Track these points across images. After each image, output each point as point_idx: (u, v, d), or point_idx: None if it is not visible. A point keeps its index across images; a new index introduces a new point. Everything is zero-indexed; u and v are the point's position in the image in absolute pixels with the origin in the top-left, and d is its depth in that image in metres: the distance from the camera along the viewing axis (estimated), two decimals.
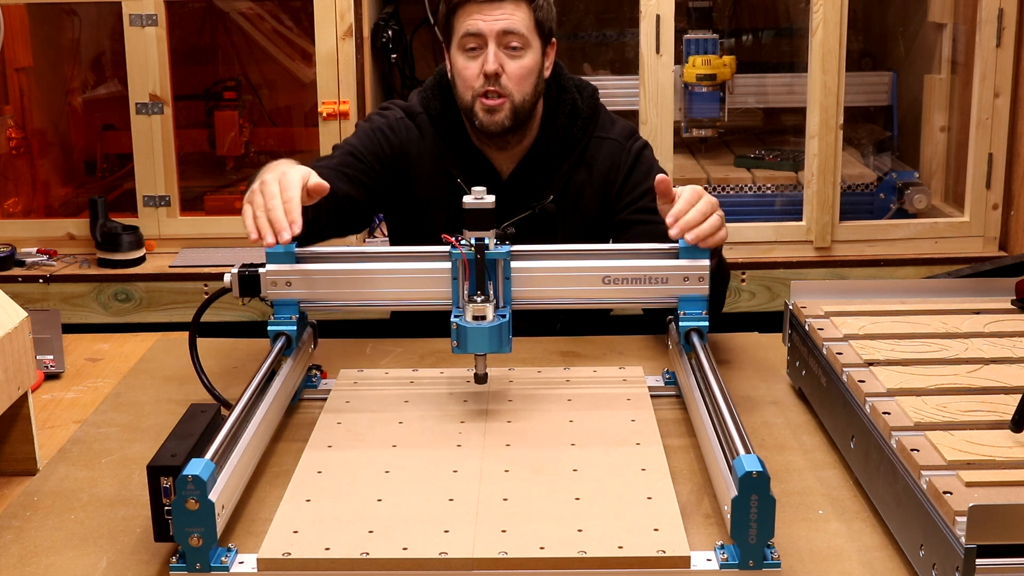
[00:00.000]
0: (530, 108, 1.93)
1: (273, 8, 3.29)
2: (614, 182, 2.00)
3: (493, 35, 1.87)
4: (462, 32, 1.89)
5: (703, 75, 3.04)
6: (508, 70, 1.89)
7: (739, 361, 1.82)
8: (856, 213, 3.01)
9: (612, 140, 2.01)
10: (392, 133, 1.99)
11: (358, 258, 1.65)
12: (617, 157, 2.01)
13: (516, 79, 1.89)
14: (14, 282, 2.81)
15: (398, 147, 1.99)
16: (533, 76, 1.91)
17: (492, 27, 1.87)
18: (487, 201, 1.53)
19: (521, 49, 1.89)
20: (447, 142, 1.99)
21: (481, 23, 1.87)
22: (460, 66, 1.91)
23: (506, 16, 1.87)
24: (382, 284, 1.62)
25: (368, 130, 2.00)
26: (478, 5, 1.87)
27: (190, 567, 1.18)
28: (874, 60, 3.42)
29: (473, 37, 1.88)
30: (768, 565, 1.17)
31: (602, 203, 2.01)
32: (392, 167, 1.99)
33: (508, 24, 1.87)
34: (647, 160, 2.02)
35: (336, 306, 1.67)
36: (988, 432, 1.25)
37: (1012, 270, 2.40)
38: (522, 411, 1.56)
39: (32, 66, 3.18)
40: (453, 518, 1.25)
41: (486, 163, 1.98)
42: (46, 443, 1.54)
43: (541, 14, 1.91)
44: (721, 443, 1.31)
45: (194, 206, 3.09)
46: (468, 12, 1.88)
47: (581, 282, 1.61)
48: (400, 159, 1.99)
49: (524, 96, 1.91)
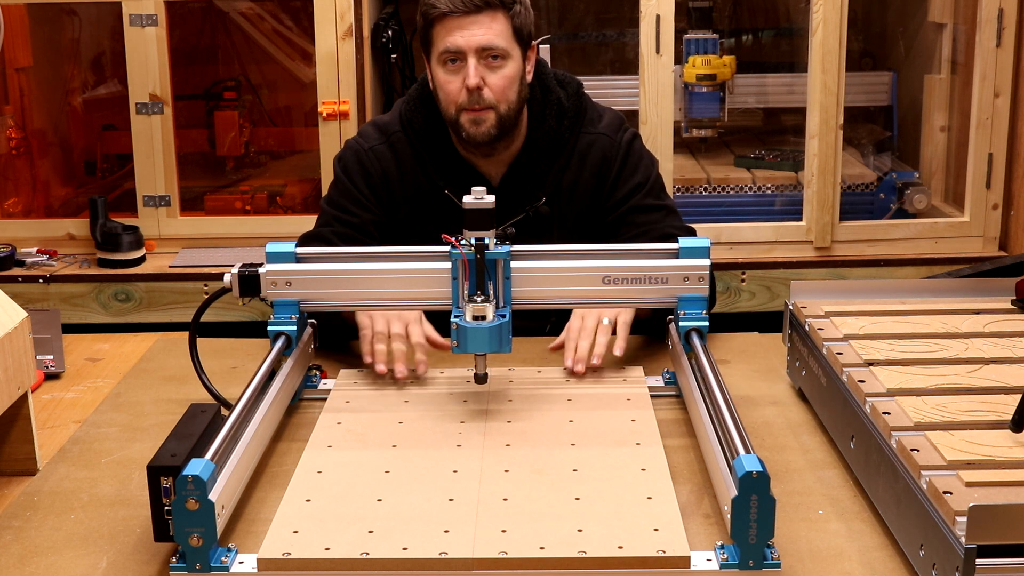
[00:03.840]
0: (515, 115, 1.92)
1: (273, 8, 3.29)
2: (606, 177, 1.99)
3: (472, 50, 1.85)
4: (442, 48, 1.87)
5: (703, 75, 3.04)
6: (490, 82, 1.87)
7: (739, 361, 1.82)
8: (856, 213, 3.01)
9: (601, 134, 1.99)
10: (366, 165, 1.97)
11: (358, 258, 1.65)
12: (608, 151, 1.99)
13: (499, 90, 1.88)
14: (14, 282, 2.81)
15: (378, 175, 1.98)
16: (516, 84, 1.90)
17: (471, 43, 1.85)
18: (487, 201, 1.53)
19: (501, 59, 1.87)
20: (432, 155, 1.97)
21: (460, 39, 1.85)
22: (442, 80, 1.90)
23: (483, 30, 1.85)
24: (382, 284, 1.62)
25: (342, 174, 1.99)
26: (456, 19, 1.85)
27: (190, 567, 1.18)
28: (874, 60, 3.41)
29: (452, 52, 1.86)
30: (768, 565, 1.17)
31: (595, 199, 2.00)
32: (379, 195, 1.98)
33: (486, 40, 1.84)
34: (637, 151, 2.01)
35: (336, 306, 1.67)
36: (988, 432, 1.25)
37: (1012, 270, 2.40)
38: (522, 411, 1.56)
39: (32, 66, 3.17)
40: (453, 518, 1.25)
41: (474, 172, 1.97)
42: (46, 443, 1.54)
43: (518, 21, 1.89)
44: (721, 443, 1.31)
45: (194, 206, 3.09)
46: (446, 27, 1.86)
47: (581, 282, 1.61)
48: (381, 188, 1.98)
49: (509, 105, 1.89)
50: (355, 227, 1.93)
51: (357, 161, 1.98)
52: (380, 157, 1.98)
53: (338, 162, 2.01)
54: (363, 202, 1.96)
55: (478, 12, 1.84)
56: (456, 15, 1.85)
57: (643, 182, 1.99)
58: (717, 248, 2.42)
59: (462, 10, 1.84)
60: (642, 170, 2.00)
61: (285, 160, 3.37)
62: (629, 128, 2.04)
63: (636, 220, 1.96)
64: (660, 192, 2.02)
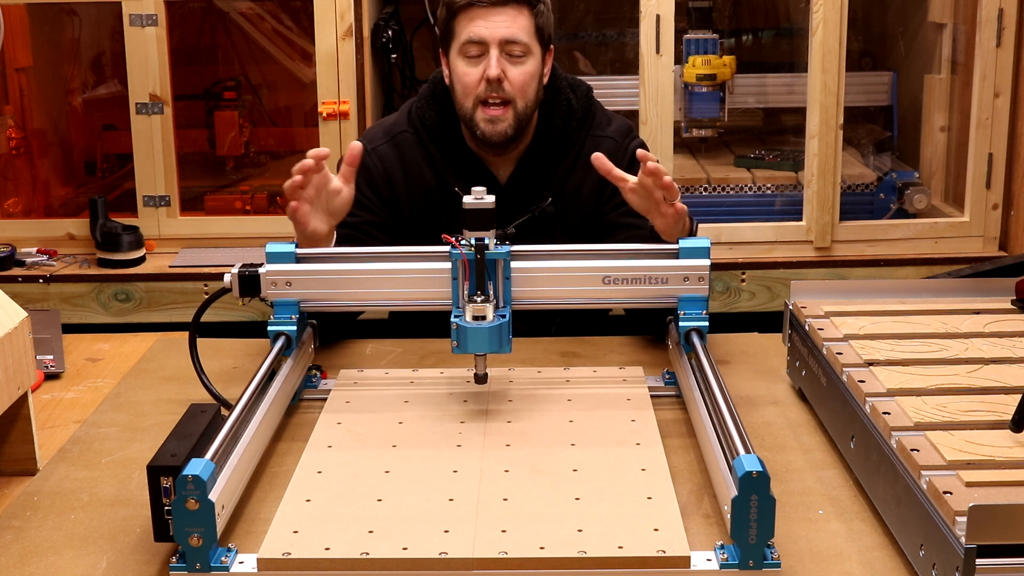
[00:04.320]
0: (531, 115, 1.93)
1: (273, 8, 3.29)
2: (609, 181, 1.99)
3: (496, 41, 1.85)
4: (464, 38, 1.87)
5: (703, 75, 3.04)
6: (511, 76, 1.87)
7: (739, 361, 1.82)
8: (856, 213, 3.01)
9: (609, 139, 2.00)
10: (368, 166, 1.97)
11: (358, 258, 1.65)
12: (614, 156, 1.99)
13: (519, 85, 1.88)
14: (14, 282, 2.80)
15: (381, 175, 1.98)
16: (535, 82, 1.90)
17: (495, 34, 1.85)
18: (487, 201, 1.53)
19: (523, 56, 1.88)
20: (443, 152, 1.98)
21: (484, 30, 1.85)
22: (461, 72, 1.90)
23: (508, 22, 1.86)
24: (382, 284, 1.62)
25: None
26: (481, 10, 1.86)
27: (190, 567, 1.18)
28: (874, 60, 3.41)
29: (475, 44, 1.87)
30: (768, 565, 1.17)
31: (599, 202, 2.00)
32: (383, 196, 1.98)
33: (510, 32, 1.86)
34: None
35: (336, 306, 1.67)
36: (988, 432, 1.25)
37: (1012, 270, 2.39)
38: (522, 411, 1.56)
39: (32, 66, 3.17)
40: (453, 518, 1.25)
41: (484, 169, 1.97)
42: (46, 443, 1.54)
43: (542, 20, 1.90)
44: (721, 443, 1.31)
45: (194, 206, 3.09)
46: (470, 17, 1.87)
47: (581, 282, 1.61)
48: (384, 188, 1.98)
49: (527, 102, 1.90)
50: (355, 227, 1.93)
51: (362, 164, 1.98)
52: (383, 157, 1.98)
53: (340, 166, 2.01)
54: (364, 203, 1.96)
55: (504, 5, 1.86)
56: (482, 6, 1.86)
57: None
58: (717, 248, 2.42)
59: (489, 1, 1.85)
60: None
61: (285, 160, 3.37)
62: (638, 137, 2.05)
63: (632, 222, 1.95)
64: None
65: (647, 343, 1.88)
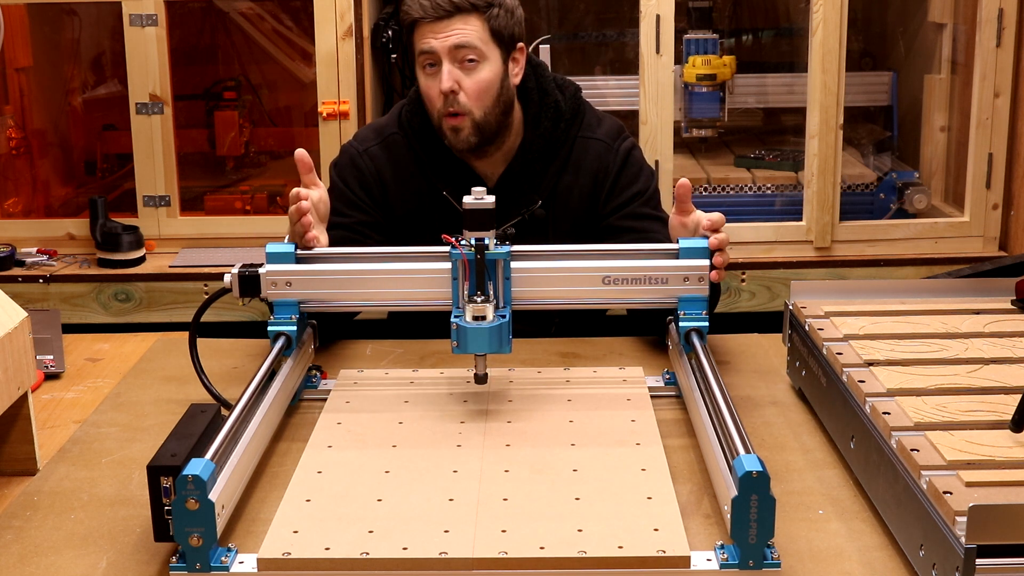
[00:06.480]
0: (496, 121, 1.91)
1: (273, 8, 3.29)
2: (603, 184, 1.98)
3: (446, 52, 1.85)
4: (418, 51, 1.89)
5: (703, 75, 3.04)
6: (465, 86, 1.87)
7: (739, 361, 1.82)
8: (856, 213, 3.01)
9: (598, 140, 1.99)
10: (359, 167, 1.98)
11: (358, 258, 1.65)
12: (605, 158, 1.99)
13: (474, 95, 1.87)
14: (14, 282, 2.81)
15: (372, 176, 1.98)
16: (493, 88, 1.89)
17: (444, 44, 1.85)
18: (487, 201, 1.53)
19: (477, 62, 1.87)
20: (429, 155, 1.97)
21: (433, 41, 1.86)
22: (423, 85, 1.91)
23: (456, 31, 1.85)
24: (382, 284, 1.63)
25: (336, 177, 2.00)
26: (429, 24, 1.86)
27: (190, 567, 1.18)
28: (874, 60, 3.42)
29: (428, 55, 1.87)
30: (768, 565, 1.17)
31: (591, 205, 2.00)
32: (374, 196, 1.98)
33: (459, 39, 1.85)
34: (636, 161, 2.00)
35: (336, 306, 1.67)
36: (988, 432, 1.25)
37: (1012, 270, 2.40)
38: (522, 411, 1.56)
39: (32, 66, 3.18)
40: (453, 518, 1.25)
41: (471, 173, 1.97)
42: (46, 443, 1.54)
43: (497, 23, 1.88)
44: (721, 443, 1.31)
45: (194, 206, 3.09)
46: (422, 31, 1.87)
47: (581, 282, 1.61)
48: (376, 188, 1.98)
49: (485, 111, 1.89)
50: (347, 228, 1.93)
51: (351, 163, 1.99)
52: (374, 158, 1.98)
53: (333, 167, 2.02)
54: (356, 203, 1.96)
55: (449, 17, 1.85)
56: (429, 20, 1.86)
57: (643, 191, 1.98)
58: None
59: (433, 16, 1.85)
60: (643, 180, 1.99)
61: (285, 160, 3.37)
62: (629, 137, 2.03)
63: (635, 226, 1.95)
64: (657, 204, 2.02)
65: (647, 343, 1.88)
